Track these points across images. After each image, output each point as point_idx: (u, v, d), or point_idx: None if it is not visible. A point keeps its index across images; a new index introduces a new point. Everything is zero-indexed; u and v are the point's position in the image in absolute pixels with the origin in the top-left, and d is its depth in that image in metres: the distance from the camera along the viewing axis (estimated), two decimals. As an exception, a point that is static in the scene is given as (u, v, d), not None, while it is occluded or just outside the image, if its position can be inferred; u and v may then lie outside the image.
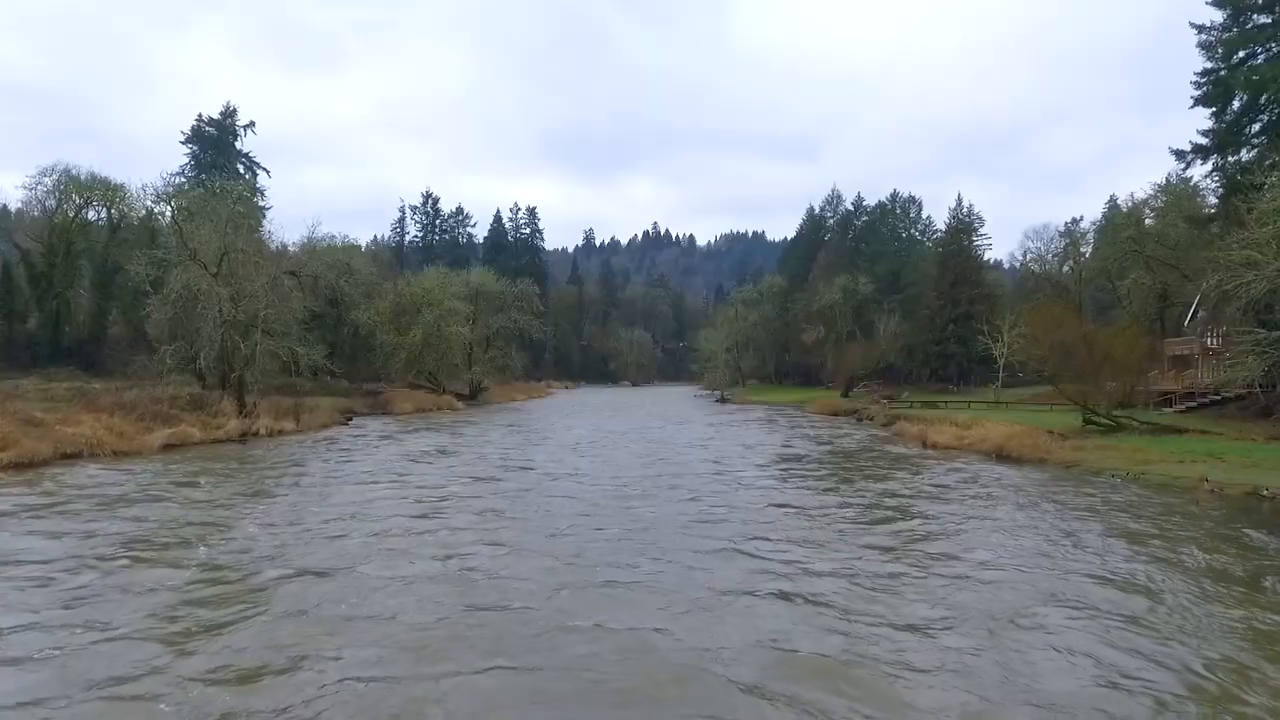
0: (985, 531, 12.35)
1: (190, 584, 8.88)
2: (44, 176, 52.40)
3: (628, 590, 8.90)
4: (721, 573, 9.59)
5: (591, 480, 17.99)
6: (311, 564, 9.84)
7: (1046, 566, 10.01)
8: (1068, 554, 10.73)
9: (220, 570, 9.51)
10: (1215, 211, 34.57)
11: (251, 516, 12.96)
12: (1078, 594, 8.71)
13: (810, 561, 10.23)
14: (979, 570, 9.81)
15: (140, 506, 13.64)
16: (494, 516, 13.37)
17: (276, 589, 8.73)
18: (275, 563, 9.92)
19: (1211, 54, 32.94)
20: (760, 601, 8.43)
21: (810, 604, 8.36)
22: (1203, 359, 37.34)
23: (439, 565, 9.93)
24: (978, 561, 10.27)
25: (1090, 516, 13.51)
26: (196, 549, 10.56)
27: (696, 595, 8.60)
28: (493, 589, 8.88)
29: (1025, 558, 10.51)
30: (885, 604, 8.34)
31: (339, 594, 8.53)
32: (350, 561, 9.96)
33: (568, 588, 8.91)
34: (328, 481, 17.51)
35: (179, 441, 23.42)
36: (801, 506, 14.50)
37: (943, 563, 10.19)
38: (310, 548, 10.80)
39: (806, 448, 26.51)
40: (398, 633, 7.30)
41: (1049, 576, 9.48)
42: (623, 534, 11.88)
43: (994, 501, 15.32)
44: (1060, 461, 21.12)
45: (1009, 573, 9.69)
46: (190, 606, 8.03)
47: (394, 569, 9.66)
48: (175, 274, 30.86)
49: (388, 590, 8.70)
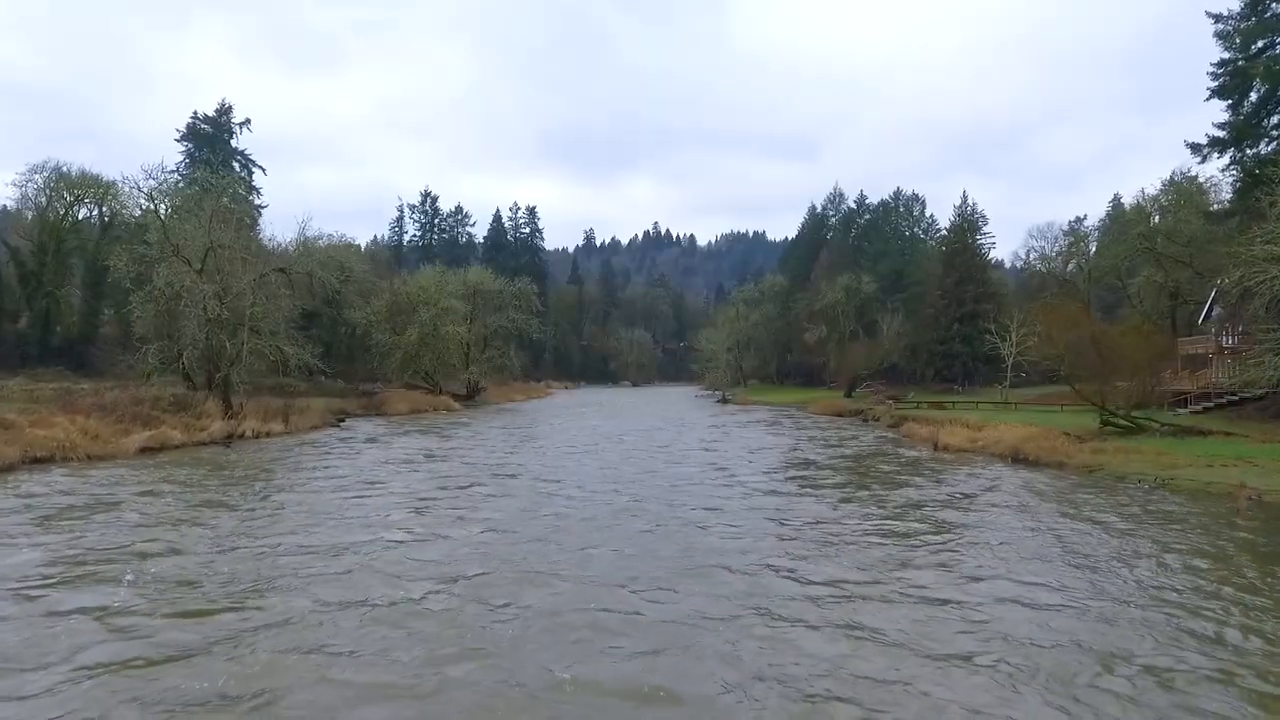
0: (1029, 555, 10.87)
1: (91, 629, 7.41)
2: (35, 174, 51.69)
3: (625, 663, 6.83)
4: (743, 638, 7.47)
5: (586, 492, 16.32)
6: (238, 597, 8.43)
7: (1112, 598, 8.64)
8: (1128, 584, 9.31)
9: (128, 616, 7.81)
10: (1233, 206, 33.59)
11: (197, 535, 11.55)
12: (1166, 641, 7.30)
13: (844, 603, 8.57)
14: (1035, 607, 8.34)
15: (84, 520, 12.46)
16: (465, 539, 11.61)
17: (186, 637, 7.21)
18: (197, 596, 8.52)
19: (1229, 44, 31.98)
20: (798, 679, 6.59)
21: (859, 681, 6.56)
22: (1218, 358, 36.38)
23: (380, 609, 8.15)
24: (1031, 598, 8.68)
25: (1136, 533, 12.26)
26: (118, 585, 8.88)
27: (712, 664, 6.80)
28: (440, 655, 6.92)
29: (1083, 590, 8.97)
30: (940, 666, 6.92)
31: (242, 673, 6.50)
32: (281, 615, 7.89)
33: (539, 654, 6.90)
34: (294, 491, 16.06)
35: (158, 444, 22.43)
36: (821, 522, 13.19)
37: (997, 604, 8.52)
38: (242, 581, 9.15)
39: (815, 452, 25.49)
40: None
41: (1119, 617, 8.00)
42: (619, 568, 10.02)
43: (1027, 513, 14.15)
44: (1081, 465, 20.13)
45: (1074, 614, 8.10)
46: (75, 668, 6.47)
47: (325, 625, 7.66)
48: (159, 270, 29.84)
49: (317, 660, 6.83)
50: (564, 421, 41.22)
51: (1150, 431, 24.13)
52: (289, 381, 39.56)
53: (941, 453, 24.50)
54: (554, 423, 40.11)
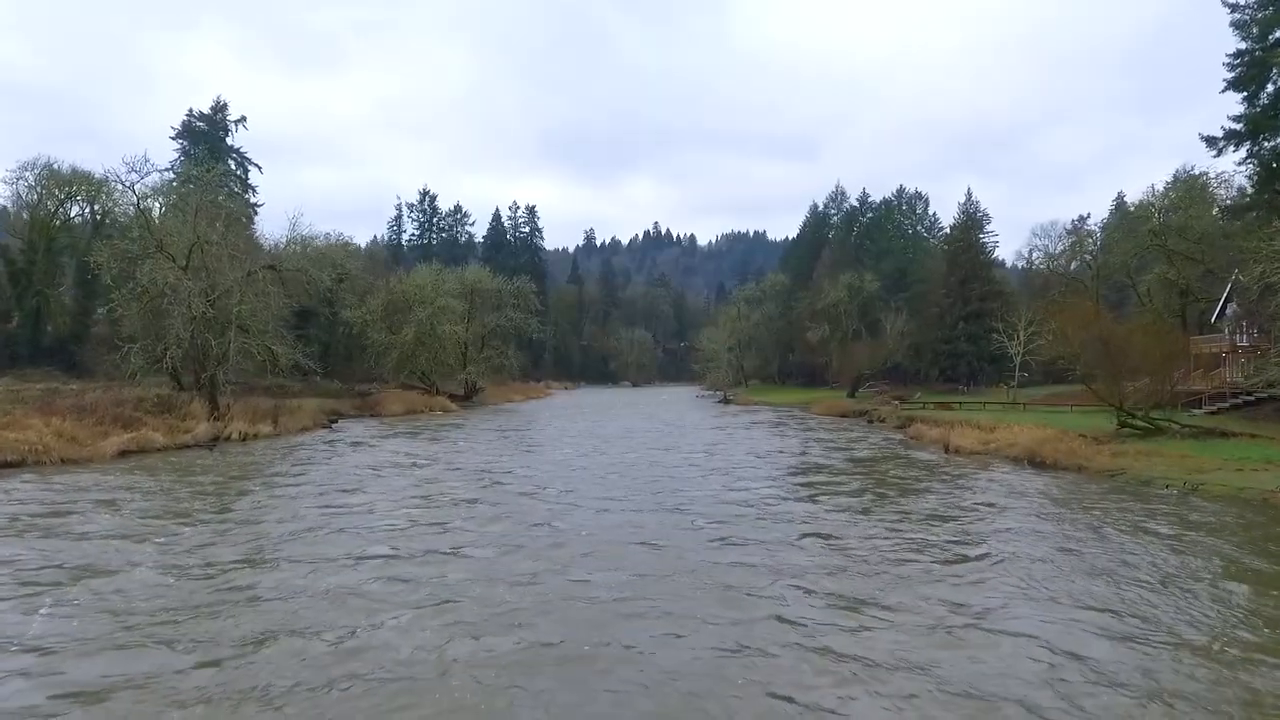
0: (1071, 569, 9.99)
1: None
2: (25, 171, 50.80)
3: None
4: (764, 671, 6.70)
5: (580, 504, 15.06)
6: (168, 632, 7.48)
7: (1200, 628, 7.73)
8: (1186, 611, 8.32)
9: (35, 653, 6.90)
10: (1251, 199, 32.67)
11: (140, 555, 10.48)
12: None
13: (875, 632, 7.67)
14: (1113, 637, 7.48)
15: (22, 535, 11.43)
16: (435, 560, 10.34)
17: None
18: (119, 628, 7.54)
19: (1245, 33, 31.06)
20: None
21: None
22: (1232, 357, 35.46)
23: (322, 654, 7.02)
24: (1106, 626, 7.81)
25: (1181, 548, 11.27)
26: (32, 616, 7.90)
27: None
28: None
29: (1142, 619, 8.05)
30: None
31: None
32: (210, 653, 6.98)
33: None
34: (260, 505, 14.71)
35: (138, 447, 21.55)
36: (840, 538, 12.03)
37: (1068, 634, 7.59)
38: (178, 613, 8.08)
39: (824, 456, 24.52)
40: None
41: (1219, 653, 7.11)
42: (616, 598, 8.70)
43: (1060, 523, 13.24)
44: (1101, 469, 19.24)
45: (1143, 648, 7.21)
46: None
47: (257, 667, 6.74)
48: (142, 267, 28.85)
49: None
50: (562, 423, 40.30)
51: (1169, 433, 23.24)
52: (284, 382, 38.70)
53: (954, 455, 23.59)
54: (551, 425, 39.21)
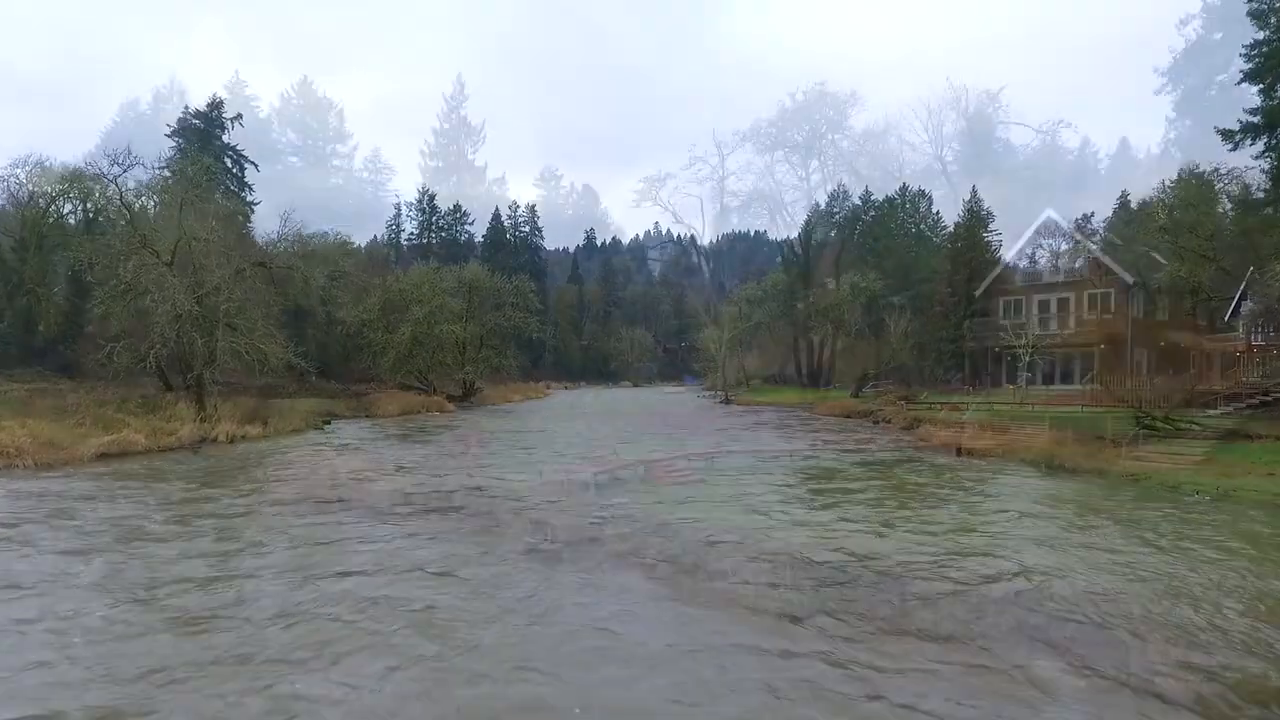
0: (1143, 591, 9.13)
1: None
2: (16, 168, 49.94)
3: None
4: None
5: (575, 515, 13.82)
6: (80, 679, 6.59)
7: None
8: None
9: None
10: (1270, 194, 31.84)
11: (76, 577, 9.45)
12: None
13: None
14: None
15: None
16: (394, 600, 8.91)
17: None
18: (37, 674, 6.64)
19: (1264, 22, 30.19)
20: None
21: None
22: (1247, 356, 34.64)
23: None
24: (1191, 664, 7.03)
25: (1249, 569, 10.30)
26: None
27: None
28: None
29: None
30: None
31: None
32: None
33: None
34: (230, 515, 13.52)
35: (118, 450, 20.74)
36: (867, 556, 10.90)
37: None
38: (90, 667, 7.00)
39: (834, 459, 23.60)
40: None
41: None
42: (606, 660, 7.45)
43: (1108, 535, 12.35)
44: (1124, 473, 18.39)
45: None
46: None
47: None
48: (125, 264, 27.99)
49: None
50: (560, 425, 39.41)
51: (1190, 435, 22.39)
52: (278, 382, 37.91)
53: (970, 459, 22.73)
54: (549, 426, 38.32)
